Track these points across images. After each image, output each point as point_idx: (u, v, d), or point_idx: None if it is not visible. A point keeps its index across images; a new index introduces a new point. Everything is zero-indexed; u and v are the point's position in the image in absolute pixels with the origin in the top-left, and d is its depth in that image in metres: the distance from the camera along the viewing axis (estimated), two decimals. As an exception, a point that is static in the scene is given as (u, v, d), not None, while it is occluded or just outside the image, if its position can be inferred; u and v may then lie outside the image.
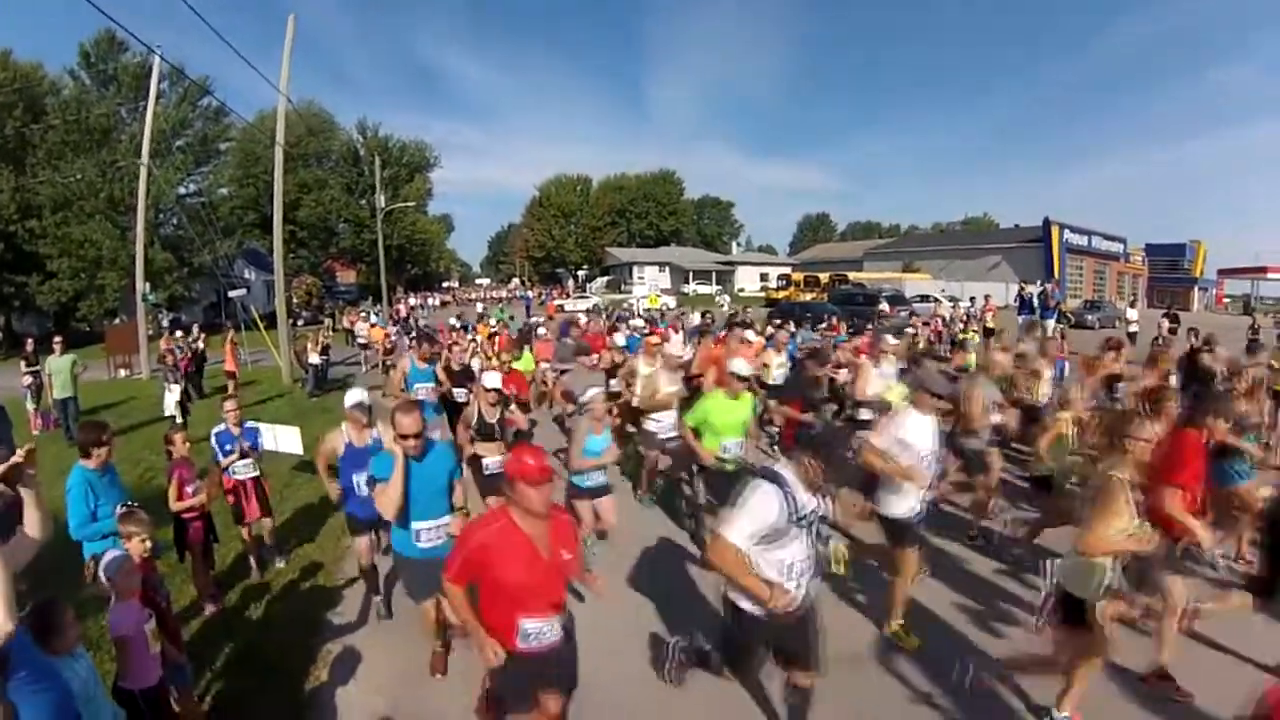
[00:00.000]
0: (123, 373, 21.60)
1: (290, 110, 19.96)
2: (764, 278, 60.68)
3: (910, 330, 13.30)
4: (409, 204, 56.60)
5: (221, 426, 6.34)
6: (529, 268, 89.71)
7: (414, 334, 16.90)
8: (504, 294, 66.24)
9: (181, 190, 38.18)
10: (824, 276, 41.97)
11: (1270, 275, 50.78)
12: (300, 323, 35.00)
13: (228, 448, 6.27)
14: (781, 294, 40.72)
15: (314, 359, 16.78)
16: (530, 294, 56.05)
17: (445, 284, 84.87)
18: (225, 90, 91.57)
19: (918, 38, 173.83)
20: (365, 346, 22.10)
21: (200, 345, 17.48)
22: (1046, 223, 46.10)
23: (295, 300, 42.98)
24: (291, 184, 44.79)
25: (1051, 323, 19.35)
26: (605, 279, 72.34)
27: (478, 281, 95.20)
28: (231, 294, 22.57)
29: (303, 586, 6.17)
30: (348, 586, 6.07)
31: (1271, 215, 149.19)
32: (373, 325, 23.80)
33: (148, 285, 22.30)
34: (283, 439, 7.57)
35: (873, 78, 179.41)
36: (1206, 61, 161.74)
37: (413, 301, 50.77)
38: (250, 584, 6.17)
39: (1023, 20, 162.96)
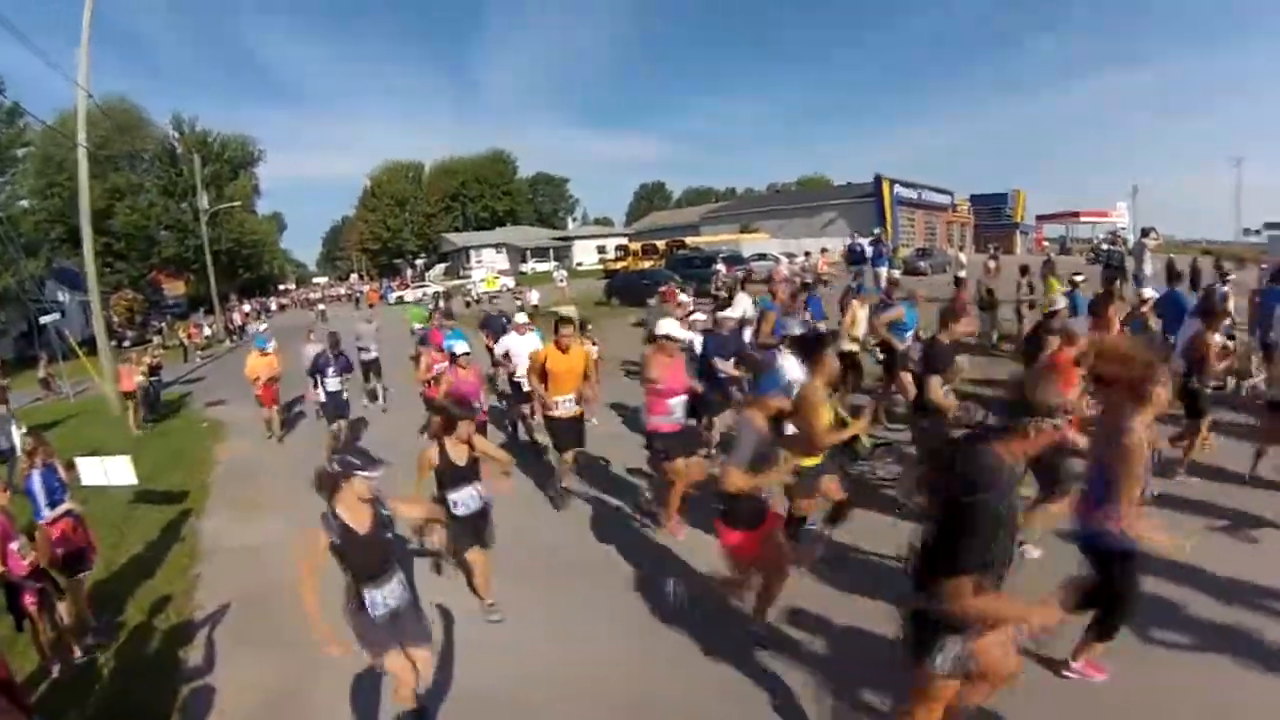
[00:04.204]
0: (-82, 419, 19.24)
1: (93, 106, 18.15)
2: (602, 250, 60.13)
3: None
4: (235, 204, 53.30)
5: (40, 468, 5.49)
6: (366, 261, 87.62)
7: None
8: (343, 291, 63.87)
9: (-26, 206, 33.94)
10: (661, 243, 41.84)
11: (1083, 219, 56.94)
12: (126, 344, 32.44)
13: (59, 493, 5.53)
14: (619, 264, 40.28)
15: (138, 379, 15.41)
16: (364, 288, 54.46)
17: (282, 286, 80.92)
18: (18, 89, 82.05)
19: (746, 2, 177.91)
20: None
21: None
22: (878, 179, 48.68)
23: (116, 319, 39.82)
24: (101, 190, 41.20)
25: (884, 269, 20.27)
26: (443, 265, 71.10)
27: (315, 281, 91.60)
28: (43, 320, 20.39)
29: (154, 625, 5.82)
30: (203, 624, 5.71)
31: (1084, 165, 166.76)
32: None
33: (-60, 319, 20.04)
34: (113, 472, 7.17)
35: (702, 45, 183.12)
36: (1025, 26, 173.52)
37: (247, 308, 48.23)
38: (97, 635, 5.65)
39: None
